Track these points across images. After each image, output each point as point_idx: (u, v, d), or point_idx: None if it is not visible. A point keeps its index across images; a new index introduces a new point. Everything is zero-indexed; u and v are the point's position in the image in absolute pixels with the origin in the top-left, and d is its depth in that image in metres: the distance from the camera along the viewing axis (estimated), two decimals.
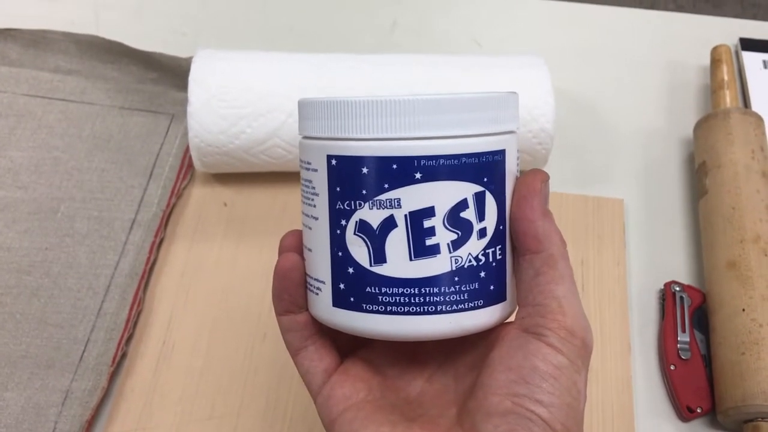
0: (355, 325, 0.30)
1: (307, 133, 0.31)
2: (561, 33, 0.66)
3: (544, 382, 0.28)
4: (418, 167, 0.28)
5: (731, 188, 0.49)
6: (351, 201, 0.29)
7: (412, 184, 0.28)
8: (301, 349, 0.33)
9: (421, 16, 0.67)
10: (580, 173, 0.56)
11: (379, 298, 0.29)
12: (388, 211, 0.29)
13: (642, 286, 0.50)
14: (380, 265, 0.29)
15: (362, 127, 0.29)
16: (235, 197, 0.53)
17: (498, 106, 0.30)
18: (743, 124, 0.52)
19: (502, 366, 0.29)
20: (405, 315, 0.29)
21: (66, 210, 0.51)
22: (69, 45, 0.59)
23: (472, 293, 0.29)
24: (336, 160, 0.29)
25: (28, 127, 0.55)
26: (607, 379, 0.46)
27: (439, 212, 0.29)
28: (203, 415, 0.44)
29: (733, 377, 0.43)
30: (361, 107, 0.29)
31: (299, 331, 0.33)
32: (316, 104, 0.30)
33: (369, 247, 0.29)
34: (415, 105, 0.28)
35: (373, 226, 0.29)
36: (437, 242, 0.29)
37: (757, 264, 0.46)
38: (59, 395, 0.44)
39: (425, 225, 0.29)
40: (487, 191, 0.29)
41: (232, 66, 0.50)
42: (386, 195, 0.29)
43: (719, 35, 0.65)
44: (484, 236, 0.29)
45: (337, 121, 0.29)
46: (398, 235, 0.29)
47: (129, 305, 0.47)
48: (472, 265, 0.29)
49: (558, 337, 0.28)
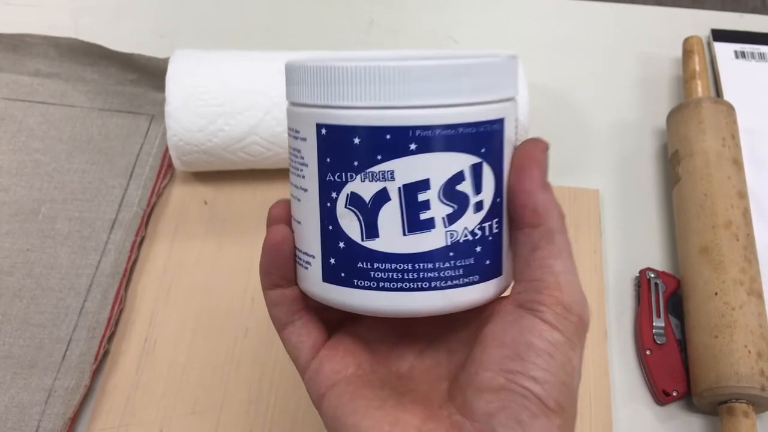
0: (346, 301, 0.29)
1: (295, 99, 0.29)
2: (535, 27, 0.67)
3: (539, 359, 0.27)
4: (413, 138, 0.27)
5: (703, 175, 0.50)
6: (342, 173, 0.28)
7: (406, 155, 0.27)
8: (288, 324, 0.32)
9: (398, 15, 0.67)
10: (555, 165, 0.57)
11: (371, 274, 0.28)
12: (381, 184, 0.27)
13: (618, 274, 0.51)
14: (372, 240, 0.28)
15: (354, 95, 0.27)
16: (216, 195, 0.54)
17: (497, 71, 0.28)
18: (714, 112, 0.53)
19: (496, 341, 0.28)
20: (398, 291, 0.28)
21: (47, 211, 0.51)
22: (48, 48, 0.59)
23: (467, 269, 0.28)
24: (326, 129, 0.28)
25: (9, 131, 0.55)
26: (585, 365, 0.46)
27: (435, 185, 0.27)
28: (186, 410, 0.44)
29: (707, 360, 0.44)
30: (353, 73, 0.27)
31: (287, 305, 0.32)
32: (306, 69, 0.28)
33: (360, 221, 0.28)
34: (409, 72, 0.26)
35: (365, 199, 0.28)
36: (432, 216, 0.28)
37: (728, 249, 0.46)
38: (42, 394, 0.44)
39: (420, 198, 0.27)
40: (484, 162, 0.28)
41: (209, 65, 0.50)
42: (379, 167, 0.27)
43: (691, 27, 0.66)
44: (480, 210, 0.28)
45: (328, 87, 0.27)
46: (391, 208, 0.27)
47: (111, 304, 0.47)
48: (467, 239, 0.28)
49: (554, 313, 0.27)
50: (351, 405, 0.29)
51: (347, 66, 0.27)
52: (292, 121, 0.30)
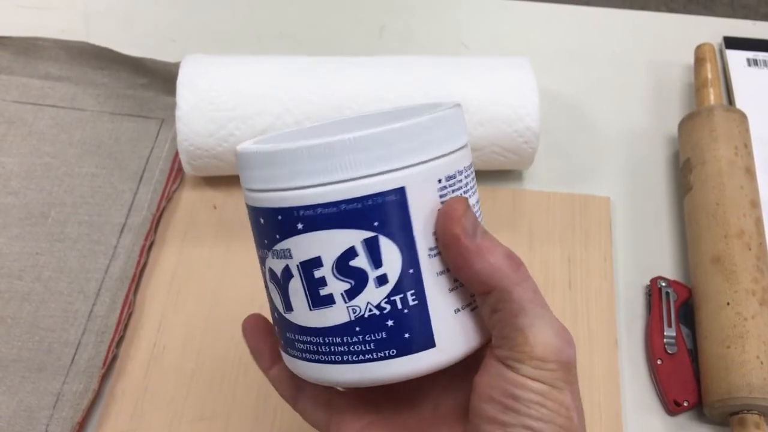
0: (292, 368, 0.30)
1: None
2: (547, 34, 0.66)
3: (531, 410, 0.27)
4: (299, 218, 0.27)
5: (715, 184, 0.50)
6: (262, 249, 0.29)
7: (296, 234, 0.27)
8: (298, 394, 0.33)
9: (409, 21, 0.67)
10: (566, 172, 0.57)
11: (296, 345, 0.29)
12: (284, 261, 0.28)
13: (629, 282, 0.51)
14: (290, 313, 0.29)
15: (253, 179, 0.28)
16: (225, 200, 0.54)
17: (385, 141, 0.27)
18: (727, 121, 0.53)
19: (485, 396, 0.28)
20: (316, 363, 0.29)
21: (57, 215, 0.51)
22: (59, 52, 0.59)
23: (379, 343, 0.28)
24: (249, 209, 0.30)
25: (19, 134, 0.55)
26: (595, 374, 0.46)
27: (327, 262, 0.27)
28: (194, 416, 0.44)
29: (718, 371, 0.43)
30: (249, 158, 0.28)
31: (288, 379, 0.33)
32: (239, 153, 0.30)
33: (280, 294, 0.29)
34: (288, 154, 0.27)
35: (277, 274, 0.29)
36: (330, 292, 0.28)
37: (741, 258, 0.46)
38: (50, 398, 0.44)
39: (316, 275, 0.28)
40: (380, 236, 0.27)
41: (220, 69, 0.50)
42: (280, 245, 0.28)
43: (703, 34, 0.65)
44: (384, 283, 0.27)
45: (244, 171, 0.29)
46: (296, 284, 0.28)
47: (119, 308, 0.47)
48: (373, 314, 0.28)
49: (530, 368, 0.27)
50: None
51: (244, 151, 0.28)
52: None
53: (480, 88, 0.51)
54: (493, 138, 0.51)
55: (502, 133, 0.51)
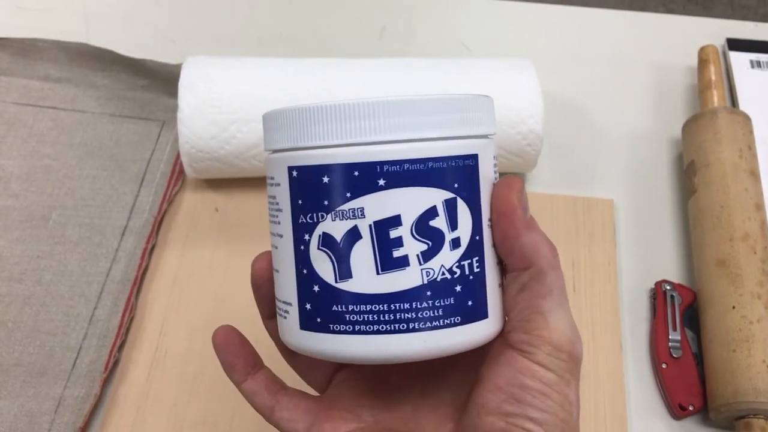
0: (323, 349, 0.28)
1: (270, 146, 0.29)
2: (549, 36, 0.66)
3: (536, 400, 0.27)
4: (381, 173, 0.26)
5: (720, 187, 0.49)
6: (313, 213, 0.27)
7: (375, 191, 0.26)
8: (275, 405, 0.32)
9: (410, 22, 0.67)
10: (570, 174, 0.56)
11: (347, 317, 0.27)
12: (352, 222, 0.27)
13: (633, 286, 0.50)
14: (346, 281, 0.27)
15: (320, 134, 0.27)
16: (227, 202, 0.53)
17: (468, 108, 0.28)
18: (731, 123, 0.52)
19: (491, 384, 0.28)
20: (375, 334, 0.27)
21: (57, 218, 0.51)
22: (59, 53, 0.59)
23: (447, 309, 0.27)
24: (297, 171, 0.28)
25: (19, 136, 0.55)
26: (600, 378, 0.46)
27: (406, 221, 0.27)
28: (197, 420, 0.44)
29: (724, 374, 0.43)
30: (318, 113, 0.27)
31: (264, 389, 0.32)
32: (275, 114, 0.28)
33: (333, 261, 0.27)
34: (375, 107, 0.26)
35: (336, 238, 0.27)
36: (405, 254, 0.27)
37: (746, 262, 0.46)
38: (52, 403, 0.43)
39: (391, 235, 0.27)
40: (458, 198, 0.27)
41: (221, 72, 0.50)
42: (349, 204, 0.27)
43: (706, 36, 0.65)
44: (457, 246, 0.27)
45: (295, 129, 0.27)
46: (363, 247, 0.27)
47: (121, 312, 0.47)
48: (445, 278, 0.27)
49: (544, 354, 0.27)
50: None
51: (310, 106, 0.27)
52: (268, 169, 0.30)
53: (483, 90, 0.50)
54: (496, 141, 0.50)
55: (505, 135, 0.50)
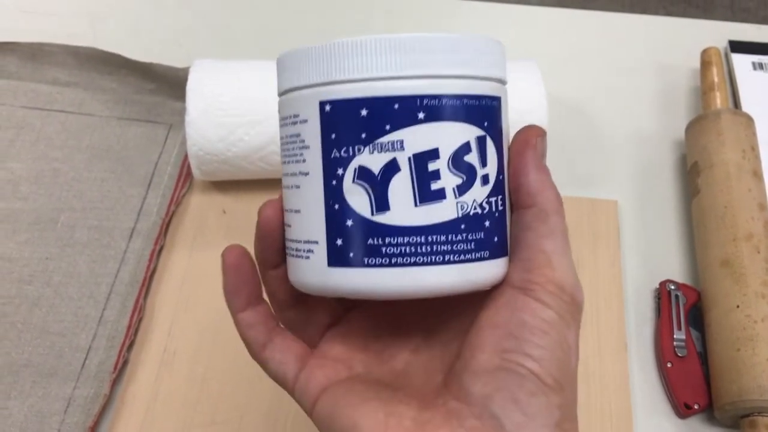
0: (355, 284, 0.28)
1: (291, 84, 0.29)
2: (553, 38, 0.67)
3: (533, 336, 0.26)
4: (421, 107, 0.27)
5: (723, 188, 0.50)
6: (349, 146, 0.27)
7: (415, 124, 0.27)
8: (267, 343, 0.31)
9: (416, 25, 0.68)
10: (573, 176, 0.57)
11: (383, 250, 0.27)
12: (391, 154, 0.27)
13: (637, 286, 0.51)
14: (383, 213, 0.27)
15: (359, 67, 0.27)
16: (234, 204, 0.54)
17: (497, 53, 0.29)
18: (734, 124, 0.53)
19: (489, 323, 0.28)
20: (411, 266, 0.27)
21: (66, 220, 0.51)
22: (67, 57, 0.59)
23: (478, 243, 0.28)
24: (330, 105, 0.28)
25: (28, 139, 0.55)
26: (605, 378, 0.46)
27: (444, 154, 0.27)
28: (205, 421, 0.44)
29: (729, 373, 0.43)
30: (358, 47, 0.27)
31: (263, 323, 0.31)
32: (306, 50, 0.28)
33: (370, 194, 0.27)
34: (416, 42, 0.27)
35: (374, 171, 0.27)
36: (443, 186, 0.27)
37: (750, 261, 0.46)
38: (62, 403, 0.44)
39: (430, 168, 0.27)
40: (488, 136, 0.28)
41: (228, 75, 0.50)
42: (388, 137, 0.27)
43: (708, 38, 0.66)
44: (487, 183, 0.28)
45: (330, 63, 0.27)
46: (402, 179, 0.27)
47: (130, 313, 0.47)
48: (477, 212, 0.28)
49: (546, 291, 0.27)
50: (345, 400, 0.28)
51: (351, 41, 0.27)
52: (288, 108, 0.29)
53: None
54: None
55: None
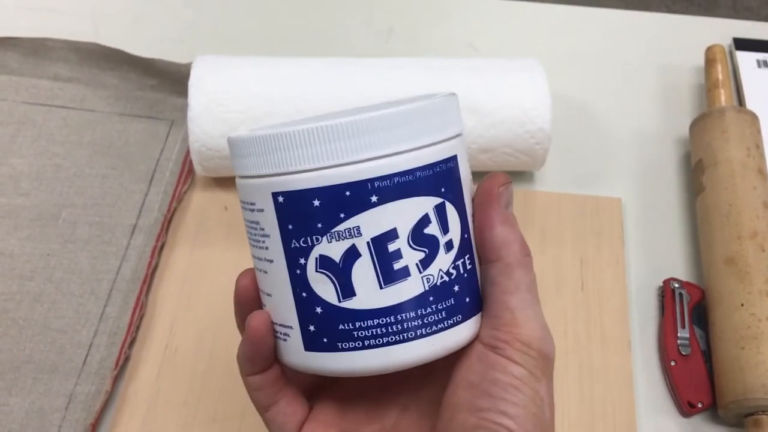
0: (332, 367, 0.28)
1: (245, 172, 0.29)
2: (556, 36, 0.66)
3: (507, 393, 0.27)
4: (373, 190, 0.27)
5: (728, 185, 0.49)
6: (307, 237, 0.27)
7: (369, 208, 0.27)
8: (271, 405, 0.31)
9: (417, 22, 0.67)
10: (578, 174, 0.57)
11: (354, 334, 0.28)
12: (349, 242, 0.27)
13: (641, 284, 0.51)
14: (350, 299, 0.27)
15: (305, 158, 0.27)
16: (236, 201, 0.54)
17: (442, 111, 0.28)
18: (738, 122, 0.52)
19: (464, 382, 0.28)
20: (384, 347, 0.27)
21: (67, 216, 0.51)
22: (68, 53, 0.59)
23: (449, 310, 0.28)
24: (283, 196, 0.27)
25: (29, 135, 0.55)
26: (608, 376, 0.46)
27: (402, 233, 0.27)
28: (207, 418, 0.44)
29: (733, 372, 0.43)
30: (302, 136, 0.26)
31: (269, 387, 0.31)
32: (251, 140, 0.28)
33: (335, 282, 0.27)
34: (359, 125, 0.26)
35: (335, 259, 0.27)
36: (405, 264, 0.27)
37: (754, 259, 0.46)
38: (63, 400, 0.44)
39: (390, 249, 0.27)
40: (446, 201, 0.28)
41: (231, 71, 0.50)
42: (344, 225, 0.27)
43: (712, 36, 0.65)
44: (451, 249, 0.28)
45: (278, 155, 0.27)
46: (364, 264, 0.27)
47: (131, 309, 0.47)
48: (444, 281, 0.28)
49: (513, 350, 0.28)
50: None
51: (294, 130, 0.27)
52: (244, 195, 0.29)
53: (491, 90, 0.51)
54: (504, 139, 0.51)
55: (513, 134, 0.51)
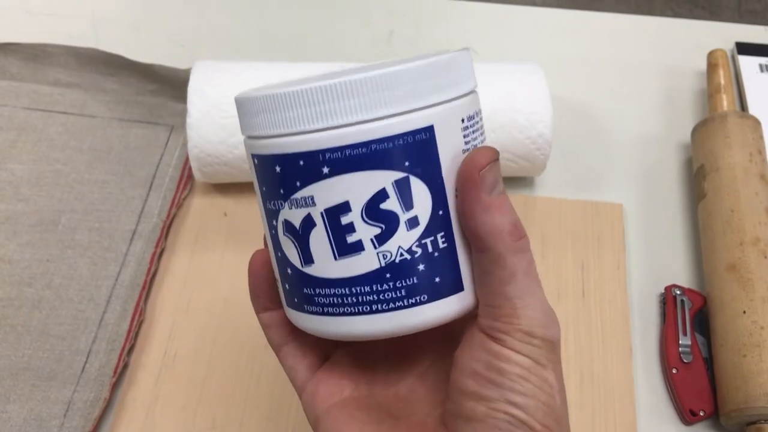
0: (303, 325, 0.29)
1: (241, 131, 0.29)
2: (558, 40, 0.66)
3: (514, 384, 0.27)
4: (324, 161, 0.26)
5: (730, 191, 0.49)
6: (275, 201, 0.28)
7: (321, 179, 0.26)
8: (282, 345, 0.32)
9: (418, 26, 0.67)
10: (579, 179, 0.56)
11: (315, 299, 0.28)
12: (305, 210, 0.27)
13: (643, 290, 0.50)
14: (309, 266, 0.27)
15: (269, 123, 0.26)
16: (235, 207, 0.53)
17: (419, 77, 0.26)
18: (741, 127, 0.52)
19: (469, 370, 0.28)
20: (341, 316, 0.27)
21: (67, 222, 0.51)
22: (69, 58, 0.59)
23: (410, 289, 0.27)
24: (257, 159, 0.28)
25: (29, 140, 0.55)
26: (609, 384, 0.46)
27: (355, 206, 0.26)
28: (205, 425, 0.44)
29: (735, 380, 0.43)
30: (264, 102, 0.26)
31: (278, 327, 0.32)
32: (241, 100, 0.28)
33: (297, 247, 0.27)
34: (311, 94, 0.25)
35: (295, 225, 0.27)
36: (359, 239, 0.26)
37: (756, 266, 0.46)
38: (61, 407, 0.44)
39: (343, 222, 0.26)
40: (411, 176, 0.26)
41: (230, 76, 0.50)
42: (300, 193, 0.27)
43: (715, 40, 0.65)
44: (416, 225, 0.27)
45: (254, 118, 0.27)
46: (319, 233, 0.27)
47: (130, 316, 0.47)
48: (405, 258, 0.27)
49: (515, 340, 0.27)
50: (345, 429, 0.29)
51: (257, 95, 0.26)
52: (246, 153, 0.30)
53: (492, 94, 0.50)
54: (505, 144, 0.50)
55: (513, 139, 0.50)
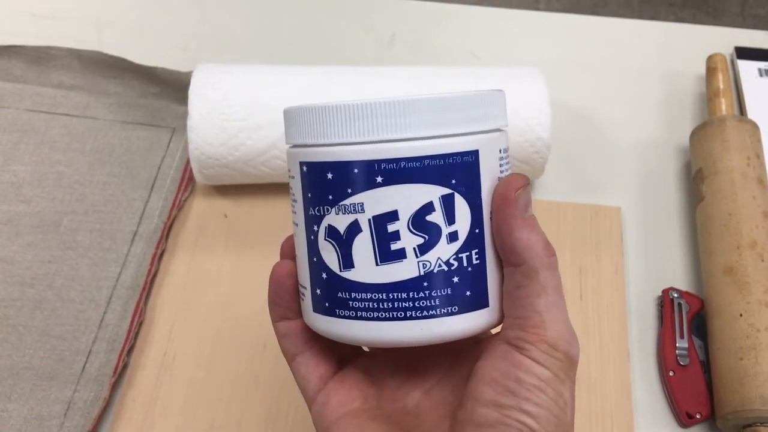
0: (331, 330, 0.30)
1: (288, 140, 0.31)
2: (558, 44, 0.66)
3: (531, 394, 0.28)
4: (379, 171, 0.28)
5: (728, 195, 0.49)
6: (320, 206, 0.29)
7: (373, 188, 0.28)
8: (297, 355, 0.33)
9: (419, 30, 0.67)
10: (577, 182, 0.57)
11: (350, 303, 0.29)
12: (353, 216, 0.29)
13: (640, 293, 0.50)
14: (348, 270, 0.29)
15: (325, 133, 0.29)
16: (236, 209, 0.54)
17: (470, 105, 0.29)
18: (739, 131, 0.52)
19: (488, 378, 0.29)
20: (374, 321, 0.29)
21: (68, 223, 0.52)
22: (72, 61, 0.60)
23: (444, 299, 0.29)
24: (306, 166, 0.30)
25: (32, 142, 0.56)
26: (607, 386, 0.46)
27: (403, 216, 0.28)
28: (205, 425, 0.44)
29: (731, 382, 0.43)
30: (323, 113, 0.29)
31: (294, 336, 0.33)
32: (293, 111, 0.30)
33: (338, 252, 0.29)
34: (374, 108, 0.28)
35: (340, 231, 0.29)
36: (402, 247, 0.28)
37: (753, 269, 0.46)
38: (61, 406, 0.44)
39: (389, 229, 0.28)
40: (456, 193, 0.29)
41: (231, 79, 0.50)
42: (350, 200, 0.29)
43: (714, 44, 0.65)
44: (455, 240, 0.29)
45: (306, 127, 0.29)
46: (363, 239, 0.29)
47: (130, 316, 0.47)
48: (442, 270, 0.29)
49: (540, 351, 0.28)
50: None
51: (317, 106, 0.29)
52: (288, 163, 0.32)
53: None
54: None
55: (512, 143, 0.51)
